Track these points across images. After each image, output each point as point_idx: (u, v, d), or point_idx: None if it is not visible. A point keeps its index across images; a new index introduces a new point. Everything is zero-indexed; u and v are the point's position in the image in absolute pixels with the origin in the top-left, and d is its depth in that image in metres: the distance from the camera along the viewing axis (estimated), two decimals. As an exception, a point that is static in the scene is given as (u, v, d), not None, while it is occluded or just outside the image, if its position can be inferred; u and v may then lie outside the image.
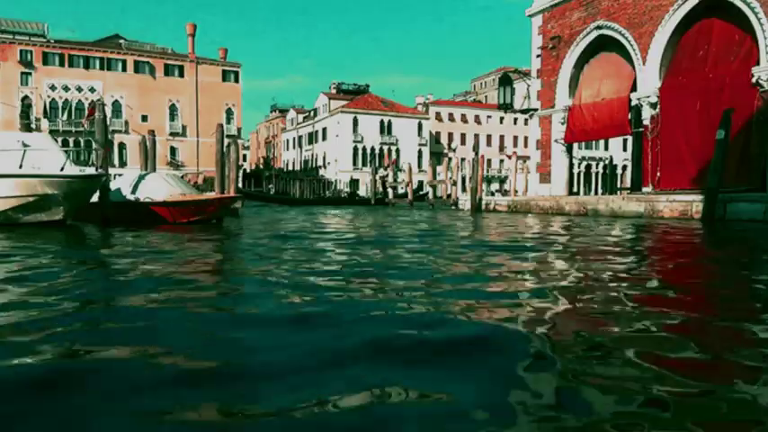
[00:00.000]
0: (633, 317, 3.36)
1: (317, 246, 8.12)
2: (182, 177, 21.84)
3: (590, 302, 3.89)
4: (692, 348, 2.65)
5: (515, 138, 70.28)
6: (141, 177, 15.22)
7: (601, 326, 3.10)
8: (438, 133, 68.88)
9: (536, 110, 25.12)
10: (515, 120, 66.14)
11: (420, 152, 65.40)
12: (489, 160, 61.83)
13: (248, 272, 5.59)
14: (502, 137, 71.12)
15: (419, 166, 62.23)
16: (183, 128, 52.92)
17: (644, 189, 20.05)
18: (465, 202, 26.82)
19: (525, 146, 55.54)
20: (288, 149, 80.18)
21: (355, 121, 63.29)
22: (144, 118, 50.37)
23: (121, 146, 49.78)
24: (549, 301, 3.75)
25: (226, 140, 17.91)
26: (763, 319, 3.41)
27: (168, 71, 52.70)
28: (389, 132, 64.73)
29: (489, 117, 70.16)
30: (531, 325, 3.07)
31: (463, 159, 45.56)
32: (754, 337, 2.90)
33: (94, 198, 13.25)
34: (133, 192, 14.55)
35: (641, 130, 20.47)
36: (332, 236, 10.33)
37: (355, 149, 63.26)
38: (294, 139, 77.60)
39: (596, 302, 3.88)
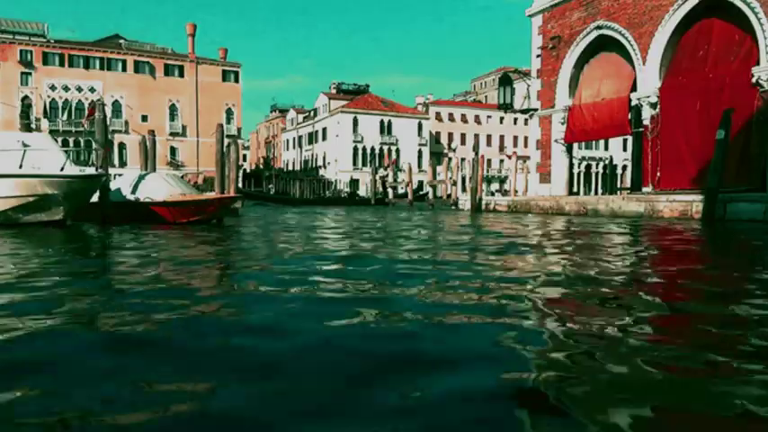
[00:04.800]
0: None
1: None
2: (182, 177, 21.83)
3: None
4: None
5: (515, 138, 70.27)
6: (141, 177, 15.21)
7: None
8: (438, 133, 68.86)
9: (536, 110, 25.12)
10: (515, 120, 66.12)
11: (420, 152, 65.39)
12: (489, 160, 61.78)
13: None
14: (502, 137, 71.11)
15: (419, 166, 62.22)
16: (183, 128, 52.91)
17: (644, 189, 20.04)
18: (465, 202, 26.81)
19: (525, 146, 55.54)
20: (288, 149, 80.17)
21: (355, 121, 63.28)
22: (144, 118, 50.35)
23: (121, 146, 49.77)
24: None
25: (226, 140, 17.90)
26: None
27: (168, 71, 52.68)
28: (389, 132, 64.71)
29: (489, 117, 70.14)
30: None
31: (463, 159, 45.55)
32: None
33: (94, 198, 13.25)
34: (133, 192, 14.54)
35: (641, 130, 20.46)
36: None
37: (355, 149, 63.25)
38: (294, 139, 77.59)
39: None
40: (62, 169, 12.07)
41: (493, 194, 48.79)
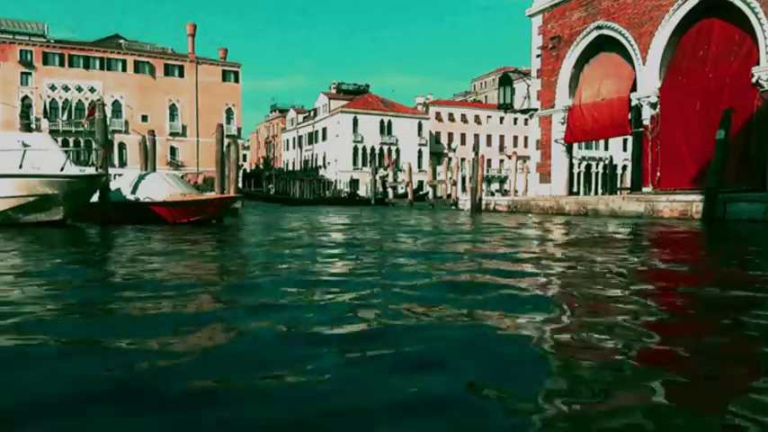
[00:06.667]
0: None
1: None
2: (182, 177, 21.82)
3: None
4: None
5: (515, 138, 70.25)
6: (141, 177, 15.21)
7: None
8: (438, 133, 68.83)
9: (536, 110, 25.11)
10: (515, 120, 66.11)
11: (420, 152, 65.37)
12: (489, 160, 61.82)
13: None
14: (502, 137, 71.09)
15: (419, 166, 62.20)
16: (183, 128, 52.89)
17: (644, 189, 20.04)
18: (465, 202, 26.81)
19: (525, 146, 55.51)
20: (288, 149, 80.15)
21: (355, 121, 63.26)
22: (144, 118, 50.33)
23: (121, 146, 49.72)
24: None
25: (226, 140, 17.91)
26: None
27: (168, 71, 52.66)
28: (389, 132, 64.69)
29: (489, 117, 70.12)
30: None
31: (463, 159, 45.51)
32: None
33: (94, 198, 13.25)
34: (133, 192, 14.54)
35: (641, 130, 20.46)
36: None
37: (355, 149, 63.23)
38: (294, 139, 77.57)
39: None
40: (62, 169, 12.08)
41: (493, 194, 48.80)
